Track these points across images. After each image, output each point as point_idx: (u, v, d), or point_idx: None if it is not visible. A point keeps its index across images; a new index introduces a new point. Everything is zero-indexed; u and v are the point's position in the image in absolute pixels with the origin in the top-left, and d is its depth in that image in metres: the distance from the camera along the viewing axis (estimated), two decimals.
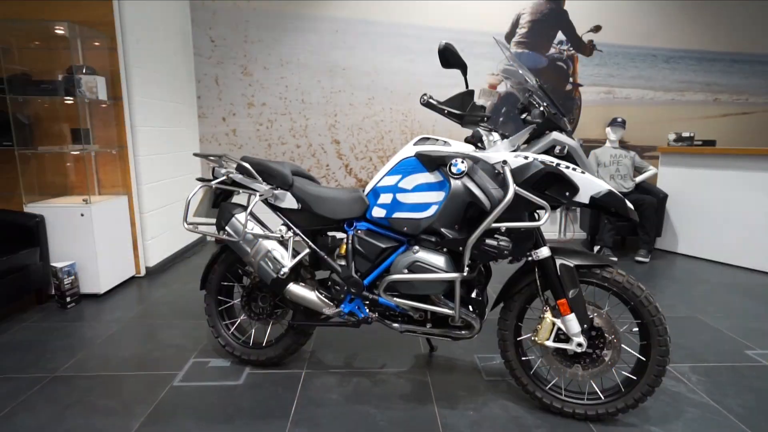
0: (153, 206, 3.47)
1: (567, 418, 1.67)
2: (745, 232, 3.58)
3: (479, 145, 1.69)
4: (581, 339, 1.58)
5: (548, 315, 1.62)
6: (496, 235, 1.53)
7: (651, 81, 4.46)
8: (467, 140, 1.70)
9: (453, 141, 1.70)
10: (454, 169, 1.55)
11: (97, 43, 3.05)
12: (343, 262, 1.83)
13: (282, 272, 1.79)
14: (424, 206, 1.63)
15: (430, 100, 1.53)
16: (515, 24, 4.32)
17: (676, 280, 3.32)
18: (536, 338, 1.64)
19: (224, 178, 1.92)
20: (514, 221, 1.54)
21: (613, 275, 1.58)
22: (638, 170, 4.03)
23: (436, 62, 4.36)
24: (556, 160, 1.53)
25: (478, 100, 4.44)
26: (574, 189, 1.52)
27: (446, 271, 1.59)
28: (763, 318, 2.61)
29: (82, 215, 2.82)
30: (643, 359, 1.58)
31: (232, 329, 2.08)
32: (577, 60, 4.42)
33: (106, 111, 3.13)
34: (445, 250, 1.65)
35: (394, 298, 1.70)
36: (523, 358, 1.73)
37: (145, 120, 3.36)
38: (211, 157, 1.96)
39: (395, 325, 1.80)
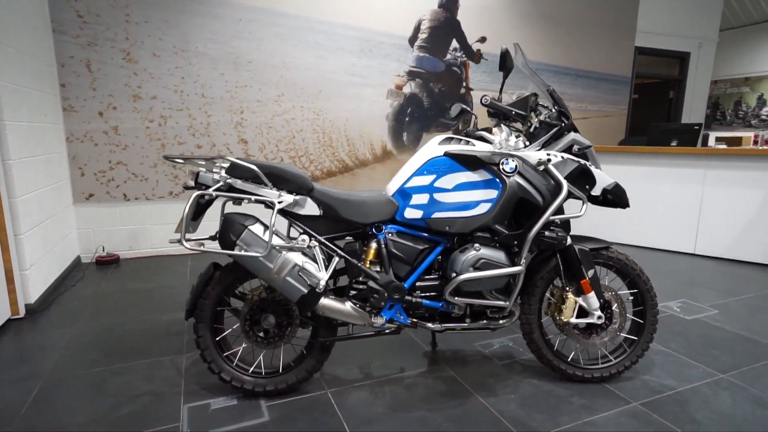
0: (30, 224, 2.67)
1: (586, 383, 1.91)
2: (608, 212, 4.50)
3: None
4: (600, 312, 1.82)
5: (571, 295, 1.83)
6: (552, 228, 1.66)
7: (523, 89, 5.21)
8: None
9: (474, 140, 1.77)
10: (507, 168, 1.62)
11: None
12: (377, 268, 1.74)
13: (320, 286, 1.61)
14: (472, 204, 1.66)
15: (494, 101, 1.57)
16: (417, 29, 4.57)
17: None
18: (562, 317, 1.83)
19: (221, 184, 1.64)
20: (556, 214, 1.69)
21: (615, 255, 1.86)
22: None
23: (348, 60, 4.32)
24: (576, 158, 1.74)
25: (386, 99, 4.57)
26: (593, 183, 1.75)
27: (508, 266, 1.66)
28: None
29: None
30: (641, 321, 1.91)
31: (235, 360, 1.78)
32: (468, 66, 4.90)
33: None
34: (497, 245, 1.71)
35: (455, 298, 1.69)
36: (546, 338, 1.91)
37: (14, 112, 2.57)
38: (201, 162, 1.65)
39: (430, 324, 1.79)
